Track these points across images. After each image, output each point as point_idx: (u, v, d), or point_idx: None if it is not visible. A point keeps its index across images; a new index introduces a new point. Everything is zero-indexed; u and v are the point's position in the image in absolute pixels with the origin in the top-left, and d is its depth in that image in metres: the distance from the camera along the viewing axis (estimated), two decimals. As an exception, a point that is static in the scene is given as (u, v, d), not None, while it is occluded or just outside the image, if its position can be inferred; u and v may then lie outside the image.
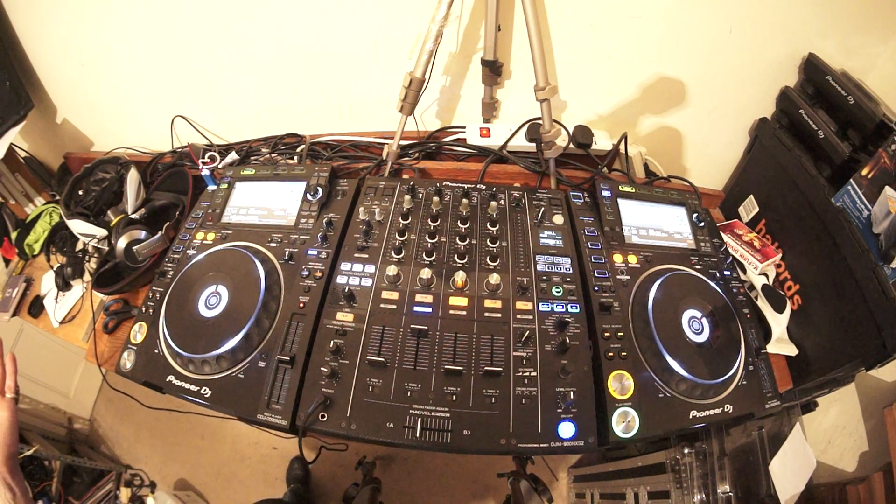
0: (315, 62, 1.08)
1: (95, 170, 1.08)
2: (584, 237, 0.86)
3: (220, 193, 0.95)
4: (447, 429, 0.63)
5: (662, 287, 0.78)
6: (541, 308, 0.75)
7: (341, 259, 0.80)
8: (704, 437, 1.02)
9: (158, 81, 1.18)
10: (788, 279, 0.94)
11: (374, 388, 0.66)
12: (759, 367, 0.77)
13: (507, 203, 0.90)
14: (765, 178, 1.03)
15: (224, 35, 1.05)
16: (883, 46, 0.90)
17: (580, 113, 1.12)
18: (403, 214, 0.86)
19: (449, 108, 1.16)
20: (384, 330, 0.71)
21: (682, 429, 0.70)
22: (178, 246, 0.88)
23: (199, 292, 0.77)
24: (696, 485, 1.00)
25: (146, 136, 1.28)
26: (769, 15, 0.90)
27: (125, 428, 1.90)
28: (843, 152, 0.83)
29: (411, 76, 0.88)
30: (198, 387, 0.70)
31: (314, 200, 0.89)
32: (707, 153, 1.17)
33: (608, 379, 0.69)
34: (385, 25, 0.99)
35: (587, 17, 0.93)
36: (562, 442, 0.63)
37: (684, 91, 1.04)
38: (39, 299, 1.11)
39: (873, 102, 0.81)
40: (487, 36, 0.93)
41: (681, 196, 0.96)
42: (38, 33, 1.14)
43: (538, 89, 0.85)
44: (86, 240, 1.04)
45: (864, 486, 0.84)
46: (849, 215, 0.79)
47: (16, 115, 1.13)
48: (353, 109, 1.17)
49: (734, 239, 0.98)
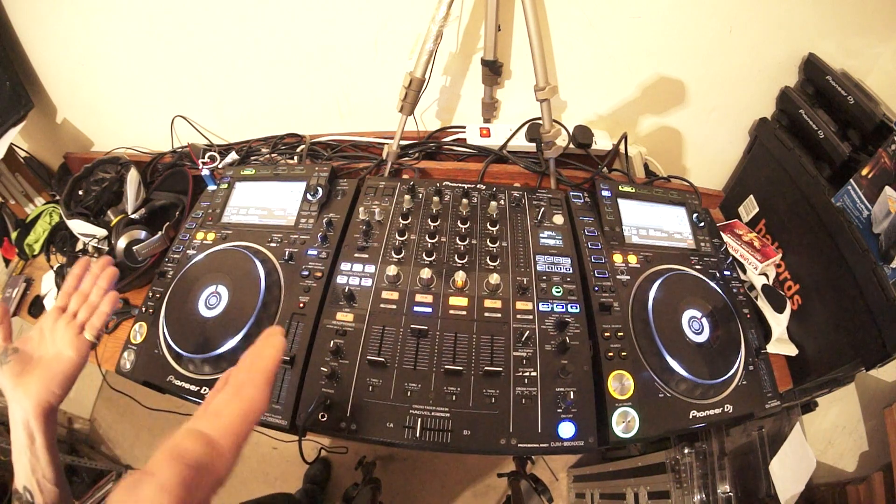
0: (315, 62, 1.08)
1: (95, 170, 1.08)
2: (584, 237, 0.86)
3: (220, 193, 0.95)
4: (447, 429, 0.63)
5: (662, 287, 0.78)
6: (541, 308, 0.75)
7: (341, 259, 0.80)
8: (704, 437, 1.02)
9: (158, 81, 1.18)
10: (788, 279, 0.94)
11: (374, 388, 0.66)
12: (759, 367, 0.77)
13: (507, 203, 0.90)
14: (765, 178, 1.03)
15: (224, 35, 1.05)
16: (883, 46, 0.90)
17: (580, 113, 1.12)
18: (403, 214, 0.86)
19: (449, 108, 1.16)
20: (384, 330, 0.71)
21: (682, 429, 0.70)
22: (178, 246, 0.88)
23: (199, 292, 0.77)
24: (696, 485, 1.00)
25: (146, 136, 1.28)
26: (769, 15, 0.90)
27: (125, 428, 1.90)
28: (843, 152, 0.83)
29: (411, 76, 0.88)
30: (198, 387, 0.70)
31: (314, 200, 0.89)
32: (707, 153, 1.17)
33: (608, 379, 0.69)
34: (385, 25, 0.99)
35: (587, 17, 0.93)
36: (562, 442, 0.63)
37: (684, 91, 1.04)
38: (39, 299, 1.10)
39: (873, 102, 0.81)
40: (487, 36, 0.93)
41: (681, 196, 0.96)
42: (38, 33, 1.14)
43: (538, 89, 0.85)
44: (86, 240, 1.04)
45: (864, 486, 0.84)
46: (849, 215, 0.79)
47: (16, 115, 1.13)
48: (353, 109, 1.17)
49: (734, 239, 0.98)
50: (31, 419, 0.51)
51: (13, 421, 0.51)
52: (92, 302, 0.60)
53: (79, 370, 0.56)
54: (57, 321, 0.58)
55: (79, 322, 0.58)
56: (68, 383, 0.54)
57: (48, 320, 0.58)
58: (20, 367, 0.53)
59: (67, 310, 0.59)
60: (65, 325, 0.57)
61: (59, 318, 0.58)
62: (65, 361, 0.55)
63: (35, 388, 0.52)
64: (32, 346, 0.56)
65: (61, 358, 0.55)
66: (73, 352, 0.55)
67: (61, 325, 0.57)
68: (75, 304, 0.60)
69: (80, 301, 0.60)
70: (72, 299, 0.60)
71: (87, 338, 0.57)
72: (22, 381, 0.52)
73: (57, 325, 0.57)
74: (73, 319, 0.58)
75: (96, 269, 0.62)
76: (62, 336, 0.56)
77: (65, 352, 0.55)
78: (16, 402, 0.52)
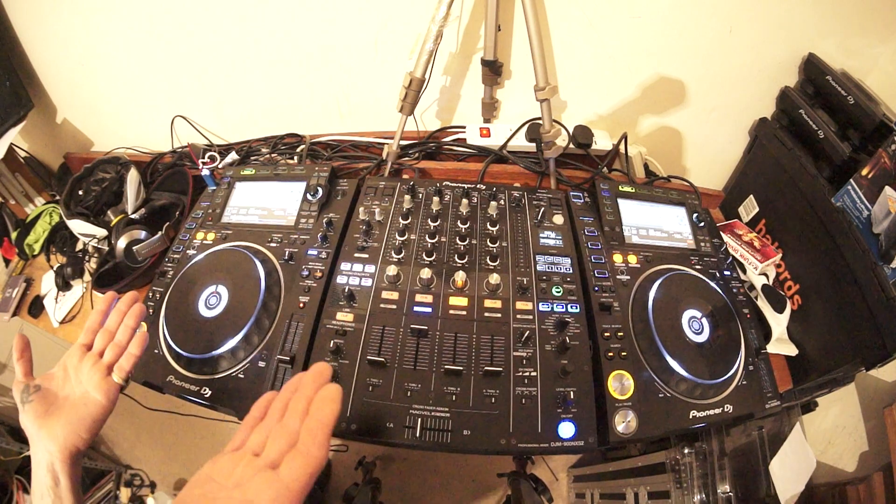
0: (315, 62, 1.08)
1: (95, 170, 1.08)
2: (584, 237, 0.86)
3: (220, 193, 0.95)
4: (447, 429, 0.63)
5: (662, 287, 0.78)
6: (541, 308, 0.75)
7: (341, 259, 0.80)
8: (704, 437, 1.02)
9: (158, 81, 1.18)
10: (788, 279, 0.94)
11: (374, 388, 0.66)
12: (759, 367, 0.77)
13: (507, 203, 0.90)
14: (765, 178, 1.03)
15: (224, 35, 1.05)
16: (883, 46, 0.90)
17: (580, 113, 1.12)
18: (403, 214, 0.86)
19: (449, 108, 1.16)
20: (384, 330, 0.71)
21: (682, 429, 0.70)
22: (178, 246, 0.88)
23: (199, 292, 0.77)
24: (696, 485, 1.00)
25: (146, 136, 1.28)
26: (769, 15, 0.90)
27: (125, 428, 1.90)
28: (843, 152, 0.83)
29: (411, 76, 0.88)
30: (198, 387, 0.70)
31: (314, 200, 0.89)
32: (707, 153, 1.17)
33: (608, 379, 0.69)
34: (385, 25, 0.99)
35: (587, 17, 0.93)
36: (562, 442, 0.63)
37: (684, 91, 1.04)
38: (39, 299, 1.10)
39: (873, 102, 0.81)
40: (487, 36, 0.93)
41: (681, 196, 0.96)
42: (38, 33, 1.14)
43: (538, 89, 0.85)
44: (86, 240, 1.04)
45: (864, 486, 0.84)
46: (849, 215, 0.79)
47: (16, 115, 1.13)
48: (353, 109, 1.17)
49: (734, 239, 0.98)
50: (56, 462, 0.49)
51: (36, 462, 0.49)
52: (119, 342, 0.56)
53: (107, 414, 0.53)
54: (82, 360, 0.55)
55: (106, 363, 0.55)
56: (96, 427, 0.52)
57: (72, 358, 0.55)
58: (44, 407, 0.51)
59: (93, 348, 0.56)
60: (91, 366, 0.54)
61: (84, 357, 0.55)
62: (92, 405, 0.52)
63: (62, 433, 0.50)
64: (56, 384, 0.54)
65: (88, 401, 0.52)
66: (101, 395, 0.53)
67: (87, 365, 0.54)
68: (101, 343, 0.56)
69: (105, 339, 0.57)
70: (97, 337, 0.57)
71: (116, 380, 0.54)
72: (47, 424, 0.50)
73: (82, 365, 0.54)
74: (99, 359, 0.55)
75: (122, 305, 0.59)
76: (88, 377, 0.53)
77: (92, 394, 0.53)
78: (40, 444, 0.50)
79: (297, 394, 0.42)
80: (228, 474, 0.38)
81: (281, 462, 0.38)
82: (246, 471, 0.37)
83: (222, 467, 0.39)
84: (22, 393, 0.52)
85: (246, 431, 0.42)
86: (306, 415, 0.40)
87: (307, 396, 0.42)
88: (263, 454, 0.39)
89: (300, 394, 0.42)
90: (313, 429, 0.39)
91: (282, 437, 0.39)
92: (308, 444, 0.38)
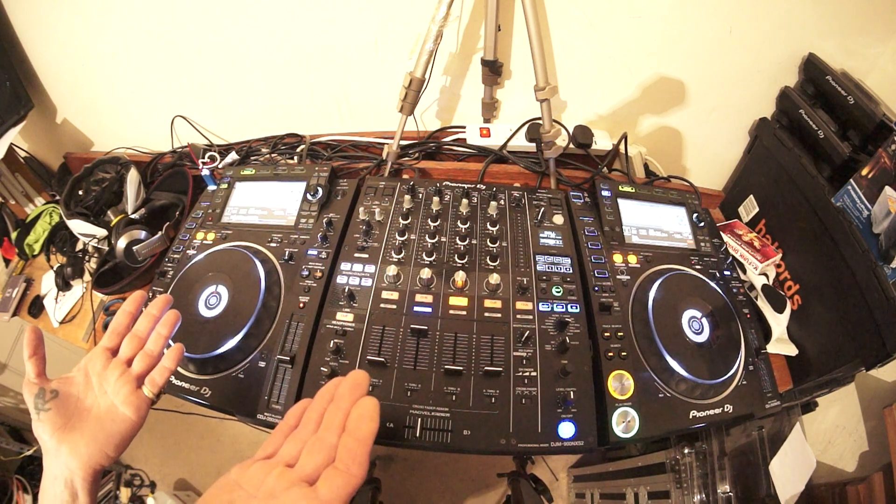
0: (315, 62, 1.08)
1: (95, 170, 1.08)
2: (584, 237, 0.86)
3: (220, 193, 0.95)
4: (447, 429, 0.63)
5: (662, 287, 0.78)
6: (541, 308, 0.75)
7: (341, 259, 0.80)
8: (704, 437, 1.02)
9: (158, 81, 1.18)
10: (788, 279, 0.94)
11: (373, 388, 0.66)
12: (759, 367, 0.77)
13: (507, 203, 0.90)
14: (765, 178, 1.03)
15: (224, 35, 1.05)
16: (883, 46, 0.90)
17: (580, 113, 1.12)
18: (403, 214, 0.86)
19: (449, 108, 1.16)
20: (384, 330, 0.71)
21: (682, 429, 0.70)
22: (178, 246, 0.88)
23: (199, 292, 0.77)
24: (696, 485, 1.00)
25: (146, 136, 1.28)
26: (769, 15, 0.90)
27: (125, 428, 1.90)
28: (843, 152, 0.83)
29: (411, 76, 0.88)
30: (198, 387, 0.71)
31: (314, 200, 0.89)
32: (707, 153, 1.17)
33: (608, 379, 0.69)
34: (385, 25, 0.99)
35: (587, 17, 0.93)
36: (562, 442, 0.63)
37: (684, 91, 1.04)
38: (39, 299, 1.11)
39: (873, 102, 0.81)
40: (487, 36, 0.93)
41: (681, 196, 0.96)
42: (38, 33, 1.14)
43: (538, 89, 0.85)
44: (86, 240, 1.04)
45: (864, 486, 0.84)
46: (849, 215, 0.79)
47: (16, 115, 1.13)
48: (353, 109, 1.17)
49: (734, 239, 0.98)
50: (76, 480, 0.44)
51: (52, 476, 0.45)
52: (150, 352, 0.51)
53: (136, 431, 0.48)
54: (108, 368, 0.49)
55: (135, 374, 0.50)
56: (124, 445, 0.48)
57: (95, 363, 0.50)
58: (63, 419, 0.46)
59: (120, 355, 0.51)
60: (118, 376, 0.49)
61: (108, 364, 0.50)
62: (121, 421, 0.47)
63: (86, 450, 0.45)
64: (77, 390, 0.48)
65: (116, 416, 0.47)
66: (130, 411, 0.48)
67: (113, 374, 0.49)
68: (128, 350, 0.51)
69: (133, 346, 0.51)
70: (124, 342, 0.52)
71: (147, 395, 0.49)
72: (69, 438, 0.45)
73: (108, 374, 0.49)
74: (127, 369, 0.50)
75: (154, 309, 0.53)
76: (116, 389, 0.48)
77: (121, 409, 0.48)
78: (59, 459, 0.45)
79: (333, 405, 0.39)
80: (258, 483, 0.36)
81: (317, 477, 0.35)
82: (279, 482, 0.35)
83: (252, 475, 0.37)
84: (36, 398, 0.46)
85: (279, 439, 0.40)
86: (342, 429, 0.37)
87: (344, 409, 0.38)
88: (297, 466, 0.36)
89: (336, 406, 0.39)
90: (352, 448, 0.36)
91: (319, 452, 0.37)
92: (347, 462, 0.36)
